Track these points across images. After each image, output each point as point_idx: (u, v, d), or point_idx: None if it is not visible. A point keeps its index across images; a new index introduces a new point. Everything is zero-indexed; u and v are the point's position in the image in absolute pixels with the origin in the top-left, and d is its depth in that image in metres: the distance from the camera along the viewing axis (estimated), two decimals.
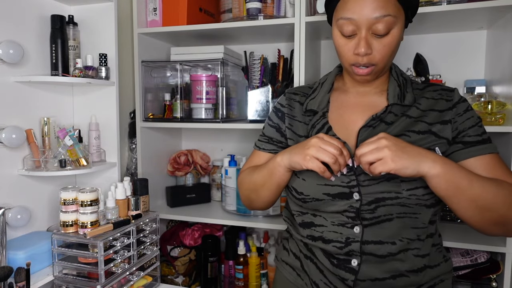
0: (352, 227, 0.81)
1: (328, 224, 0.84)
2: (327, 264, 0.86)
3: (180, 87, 1.56)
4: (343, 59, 0.86)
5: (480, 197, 0.73)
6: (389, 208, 0.79)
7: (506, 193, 0.75)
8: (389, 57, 0.83)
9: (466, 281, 1.33)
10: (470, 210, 0.74)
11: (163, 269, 1.64)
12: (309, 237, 0.89)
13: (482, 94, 1.34)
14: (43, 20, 1.26)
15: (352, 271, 0.82)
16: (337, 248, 0.83)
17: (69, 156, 1.23)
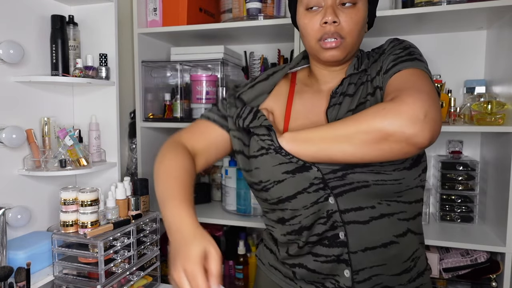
0: (326, 198, 0.76)
1: (303, 211, 0.78)
2: (319, 250, 0.80)
3: (180, 87, 1.56)
4: (310, 38, 0.82)
5: (331, 131, 0.72)
6: (361, 175, 0.74)
7: (363, 112, 0.70)
8: (358, 32, 0.80)
9: (466, 281, 1.34)
10: (336, 147, 0.71)
11: (163, 269, 1.64)
12: (292, 232, 0.82)
13: (482, 94, 1.34)
14: (43, 20, 1.26)
15: (343, 243, 0.77)
16: (322, 225, 0.78)
17: (69, 156, 1.23)
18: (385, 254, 0.78)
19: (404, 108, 0.65)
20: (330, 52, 0.80)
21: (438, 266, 1.31)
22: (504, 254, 1.21)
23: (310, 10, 0.81)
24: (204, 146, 0.90)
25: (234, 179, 1.54)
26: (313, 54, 0.86)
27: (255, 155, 0.82)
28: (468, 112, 1.34)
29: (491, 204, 1.36)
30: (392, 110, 0.66)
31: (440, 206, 1.43)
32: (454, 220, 1.42)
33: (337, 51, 0.80)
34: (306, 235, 0.80)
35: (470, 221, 1.40)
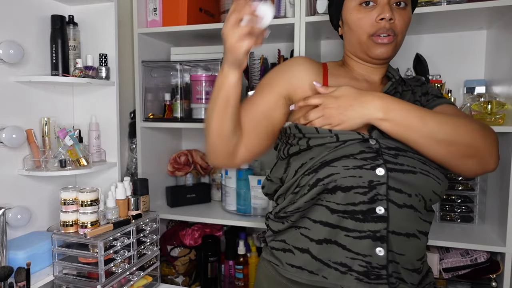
0: (373, 168, 0.75)
1: (341, 170, 0.76)
2: (351, 225, 0.76)
3: (180, 87, 1.56)
4: (361, 33, 0.85)
5: (437, 131, 0.75)
6: (412, 160, 0.77)
7: (465, 123, 0.77)
8: (405, 34, 0.87)
9: (466, 281, 1.34)
10: (432, 146, 0.76)
11: (163, 269, 1.64)
12: (325, 191, 0.78)
13: (482, 94, 1.34)
14: (43, 20, 1.26)
15: (383, 218, 0.75)
16: (360, 195, 0.75)
17: (69, 156, 1.23)
18: (406, 245, 0.78)
19: (494, 136, 0.80)
20: (382, 49, 0.84)
21: (438, 266, 1.31)
22: (504, 254, 1.20)
23: (364, 6, 0.85)
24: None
25: (234, 179, 1.54)
26: (361, 50, 0.88)
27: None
28: (468, 112, 1.34)
29: (491, 204, 1.36)
30: (489, 135, 0.79)
31: (440, 206, 1.43)
32: (454, 220, 1.42)
33: (388, 47, 0.85)
34: (341, 197, 0.77)
35: (470, 221, 1.40)
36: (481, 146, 0.77)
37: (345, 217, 0.77)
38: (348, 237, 0.77)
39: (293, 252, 0.84)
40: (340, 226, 0.78)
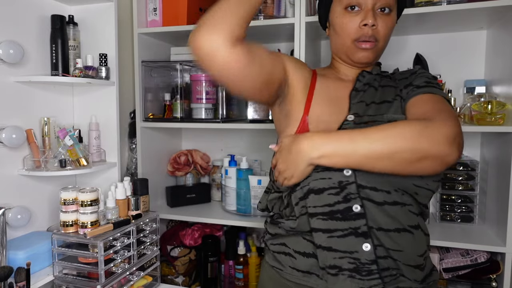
0: (341, 169, 0.79)
1: (312, 173, 0.80)
2: (333, 225, 0.78)
3: (180, 87, 1.56)
4: (345, 37, 0.88)
5: (371, 148, 0.73)
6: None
7: (402, 129, 0.73)
8: (388, 38, 0.90)
9: (466, 281, 1.34)
10: (376, 163, 0.73)
11: (163, 269, 1.64)
12: (302, 197, 0.82)
13: (482, 94, 1.34)
14: (43, 20, 1.26)
15: (360, 215, 0.78)
16: (333, 195, 0.79)
17: (69, 156, 1.23)
18: (400, 240, 0.78)
19: (443, 130, 0.72)
20: (364, 53, 0.88)
21: (438, 266, 1.31)
22: (504, 254, 1.20)
23: (350, 10, 0.87)
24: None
25: (234, 179, 1.54)
26: (344, 53, 0.92)
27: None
28: (468, 112, 1.34)
29: (491, 204, 1.36)
30: (434, 132, 0.72)
31: (440, 206, 1.43)
32: (454, 220, 1.42)
33: (370, 53, 0.88)
34: (314, 200, 0.80)
35: (470, 221, 1.40)
36: (426, 146, 0.71)
37: (324, 219, 0.79)
38: (331, 238, 0.79)
39: (294, 257, 0.86)
40: (322, 229, 0.80)
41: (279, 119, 0.94)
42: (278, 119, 0.95)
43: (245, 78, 0.77)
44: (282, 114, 0.92)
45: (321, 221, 0.80)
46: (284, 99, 0.90)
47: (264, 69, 0.80)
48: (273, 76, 0.83)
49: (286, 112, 0.91)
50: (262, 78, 0.80)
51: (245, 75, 0.77)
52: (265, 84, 0.82)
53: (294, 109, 0.89)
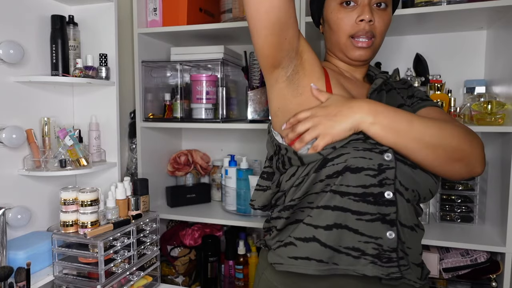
0: (382, 152, 0.75)
1: (351, 151, 0.75)
2: (363, 208, 0.75)
3: (180, 87, 1.56)
4: (341, 34, 0.85)
5: (424, 134, 0.75)
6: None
7: (451, 126, 0.78)
8: (384, 35, 0.87)
9: (466, 281, 1.34)
10: (420, 150, 0.75)
11: (163, 269, 1.64)
12: (334, 174, 0.75)
13: (482, 94, 1.34)
14: (43, 20, 1.26)
15: (392, 202, 0.75)
16: (370, 177, 0.75)
17: (69, 156, 1.23)
18: (411, 238, 0.78)
19: (480, 141, 0.81)
20: (360, 52, 0.85)
21: (438, 266, 1.31)
22: (504, 254, 1.21)
23: (345, 6, 0.84)
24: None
25: (234, 179, 1.54)
26: (339, 50, 0.88)
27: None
28: (468, 112, 1.34)
29: (491, 204, 1.36)
30: (475, 139, 0.80)
31: (440, 206, 1.43)
32: (454, 220, 1.42)
33: (367, 51, 0.85)
34: (351, 179, 0.75)
35: (470, 221, 1.40)
36: (467, 149, 0.77)
37: (356, 200, 0.75)
38: (360, 220, 0.76)
39: (294, 244, 0.81)
40: (351, 209, 0.76)
41: (282, 94, 0.83)
42: (281, 94, 0.84)
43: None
44: (293, 86, 0.82)
45: (352, 201, 0.76)
46: (299, 72, 0.81)
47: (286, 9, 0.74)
48: (289, 25, 0.76)
49: (300, 85, 0.82)
50: (281, 12, 0.74)
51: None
52: (279, 21, 0.74)
53: (314, 82, 0.82)
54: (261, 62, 0.82)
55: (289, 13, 0.75)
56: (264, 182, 0.94)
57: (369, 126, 0.75)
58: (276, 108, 0.85)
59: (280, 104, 0.84)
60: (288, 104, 0.83)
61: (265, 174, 0.94)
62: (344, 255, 0.77)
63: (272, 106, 0.87)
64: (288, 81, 0.82)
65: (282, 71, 0.82)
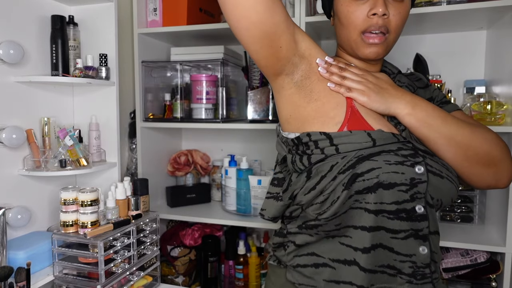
0: (413, 165, 0.71)
1: (382, 165, 0.69)
2: (397, 225, 0.71)
3: (180, 87, 1.56)
4: (352, 29, 0.77)
5: (456, 132, 0.74)
6: (437, 164, 0.74)
7: (483, 130, 0.76)
8: (400, 30, 0.79)
9: (466, 281, 1.34)
10: (451, 147, 0.74)
11: (163, 269, 1.64)
12: (364, 191, 0.70)
13: (482, 94, 1.34)
14: (44, 20, 1.26)
15: (424, 217, 0.71)
16: (403, 192, 0.70)
17: (69, 156, 1.23)
18: (436, 242, 0.76)
19: (509, 152, 0.78)
20: (372, 49, 0.77)
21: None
22: (504, 254, 1.21)
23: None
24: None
25: (234, 179, 1.54)
26: (350, 46, 0.81)
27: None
28: (468, 112, 1.34)
29: (491, 204, 1.36)
30: (506, 147, 0.78)
31: None
32: (454, 220, 1.42)
33: (379, 48, 0.77)
34: (383, 196, 0.70)
35: (470, 221, 1.40)
36: (498, 155, 0.75)
37: (390, 217, 0.71)
38: (395, 239, 0.72)
39: (331, 266, 0.75)
40: (386, 228, 0.71)
41: (292, 101, 0.78)
42: (290, 101, 0.78)
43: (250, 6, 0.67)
44: (304, 92, 0.77)
45: (386, 219, 0.71)
46: (310, 77, 0.77)
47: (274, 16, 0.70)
48: (279, 33, 0.71)
49: (314, 91, 0.76)
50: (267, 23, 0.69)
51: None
52: (267, 34, 0.70)
53: (330, 89, 0.76)
54: (262, 72, 0.79)
55: (275, 21, 0.69)
56: (275, 189, 0.87)
57: (405, 116, 0.75)
58: (288, 115, 0.80)
59: (292, 112, 0.78)
60: (302, 111, 0.77)
61: (276, 181, 0.88)
62: (379, 273, 0.73)
63: (282, 113, 0.81)
64: (297, 87, 0.77)
65: (287, 78, 0.77)
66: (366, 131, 0.72)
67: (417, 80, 0.92)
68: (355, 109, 0.75)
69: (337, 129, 0.73)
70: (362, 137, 0.71)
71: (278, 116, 0.83)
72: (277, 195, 0.86)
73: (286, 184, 0.83)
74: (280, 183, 0.87)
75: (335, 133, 0.73)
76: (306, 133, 0.75)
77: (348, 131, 0.72)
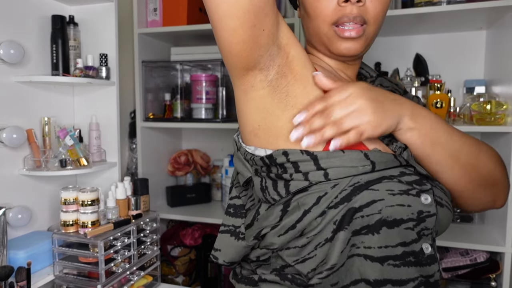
0: (418, 194, 0.55)
1: (385, 196, 0.54)
2: (404, 274, 0.55)
3: (180, 87, 1.56)
4: (320, 22, 0.62)
5: (461, 150, 0.60)
6: (438, 190, 0.60)
7: (486, 147, 0.65)
8: (382, 20, 0.64)
9: (466, 280, 1.34)
10: (454, 169, 0.60)
11: (164, 269, 1.64)
12: (362, 230, 0.54)
13: (481, 94, 1.34)
14: (44, 20, 1.26)
15: (433, 258, 0.57)
16: (410, 230, 0.55)
17: (69, 156, 1.23)
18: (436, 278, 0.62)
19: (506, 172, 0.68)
20: (347, 44, 0.61)
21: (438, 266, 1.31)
22: (504, 254, 1.21)
23: None
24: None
25: None
26: (320, 42, 0.65)
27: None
28: (467, 112, 1.35)
29: None
30: (504, 165, 0.67)
31: None
32: (453, 220, 1.42)
33: (356, 43, 0.62)
34: (387, 236, 0.54)
35: (469, 221, 1.40)
36: (499, 175, 0.65)
37: (397, 264, 0.55)
38: None
39: None
40: (392, 279, 0.55)
41: (263, 107, 0.58)
42: (260, 106, 0.58)
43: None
44: (278, 95, 0.57)
45: (392, 267, 0.55)
46: (286, 76, 0.57)
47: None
48: (267, 9, 0.54)
49: (290, 95, 0.58)
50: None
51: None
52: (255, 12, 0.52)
53: (309, 94, 0.58)
54: (229, 62, 0.58)
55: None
56: (231, 220, 0.66)
57: (407, 131, 0.58)
58: (255, 125, 0.59)
59: (262, 121, 0.59)
60: (275, 121, 0.58)
61: (232, 208, 0.67)
62: None
63: (248, 121, 0.61)
64: (271, 87, 0.57)
65: (260, 74, 0.57)
66: (362, 151, 0.55)
67: (396, 85, 0.78)
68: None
69: (322, 148, 0.56)
70: (358, 158, 0.55)
71: (240, 125, 0.64)
72: (235, 229, 0.65)
73: (250, 218, 0.63)
74: (238, 213, 0.66)
75: (322, 152, 0.55)
76: (282, 150, 0.56)
77: (340, 150, 0.55)
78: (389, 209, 0.54)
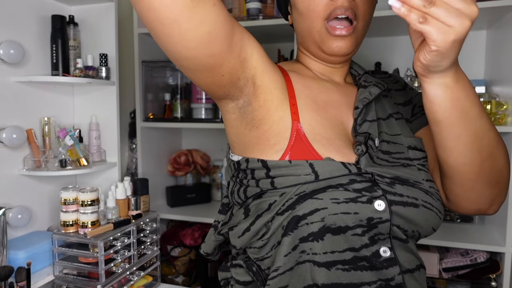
0: (370, 201, 0.56)
1: (329, 205, 0.55)
2: (356, 278, 0.56)
3: (180, 87, 1.56)
4: (313, 18, 0.65)
5: (485, 136, 0.56)
6: (412, 190, 0.59)
7: (502, 141, 0.62)
8: (370, 17, 0.67)
9: (466, 281, 1.34)
10: (469, 152, 0.56)
11: (164, 269, 1.64)
12: (309, 237, 0.56)
13: (481, 94, 1.34)
14: (44, 20, 1.26)
15: (392, 261, 0.57)
16: (359, 236, 0.56)
17: (69, 156, 1.23)
18: (421, 278, 0.62)
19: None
20: (339, 42, 0.64)
21: (438, 266, 1.32)
22: (504, 254, 1.21)
23: None
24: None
25: None
26: (313, 41, 0.67)
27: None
28: None
29: None
30: (509, 170, 0.63)
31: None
32: (453, 220, 1.42)
33: (348, 41, 0.64)
34: (330, 243, 0.56)
35: (469, 221, 1.40)
36: (506, 175, 0.61)
37: (346, 269, 0.56)
38: None
39: None
40: (343, 284, 0.56)
41: (235, 126, 0.65)
42: (234, 125, 0.65)
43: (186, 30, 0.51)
44: (246, 120, 0.63)
45: (341, 272, 0.56)
46: (251, 103, 0.62)
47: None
48: (222, 59, 0.56)
49: (255, 119, 0.62)
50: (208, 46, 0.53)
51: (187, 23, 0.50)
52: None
53: (272, 116, 0.62)
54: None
55: (212, 53, 0.54)
56: (219, 216, 0.73)
57: (442, 85, 0.52)
58: (233, 139, 0.67)
59: (235, 137, 0.66)
60: (243, 138, 0.64)
61: (221, 206, 0.74)
62: None
63: (228, 135, 0.69)
64: (240, 113, 0.63)
65: (231, 102, 0.63)
66: (308, 161, 0.57)
67: (394, 82, 0.78)
68: (301, 133, 0.60)
69: (279, 158, 0.60)
70: (302, 168, 0.57)
71: (227, 136, 0.70)
72: (217, 225, 0.72)
73: (228, 216, 0.70)
74: (223, 210, 0.73)
75: (273, 162, 0.59)
76: (245, 158, 0.63)
77: (287, 160, 0.58)
78: (333, 217, 0.55)
